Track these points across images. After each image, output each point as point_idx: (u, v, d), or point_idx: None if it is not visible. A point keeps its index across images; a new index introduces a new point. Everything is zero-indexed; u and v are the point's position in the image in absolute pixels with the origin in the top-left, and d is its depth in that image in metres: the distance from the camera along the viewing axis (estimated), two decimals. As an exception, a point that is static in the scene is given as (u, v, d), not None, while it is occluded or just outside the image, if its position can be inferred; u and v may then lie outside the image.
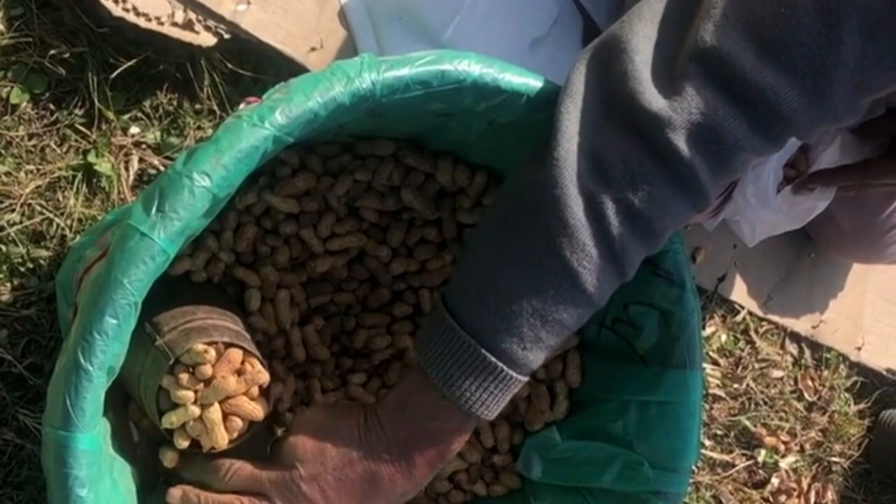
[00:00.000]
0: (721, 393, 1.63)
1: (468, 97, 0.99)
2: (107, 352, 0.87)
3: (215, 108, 1.26)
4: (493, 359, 0.90)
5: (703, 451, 1.61)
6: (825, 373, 1.71)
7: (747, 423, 1.63)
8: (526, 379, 0.93)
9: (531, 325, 0.90)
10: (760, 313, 1.65)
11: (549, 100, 1.02)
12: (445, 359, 0.91)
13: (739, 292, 1.64)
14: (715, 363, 1.63)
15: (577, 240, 0.87)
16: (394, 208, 1.15)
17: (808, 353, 1.70)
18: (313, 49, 1.27)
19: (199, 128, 1.26)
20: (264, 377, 1.05)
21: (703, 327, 1.44)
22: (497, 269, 0.91)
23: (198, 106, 1.26)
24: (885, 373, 1.75)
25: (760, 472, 1.66)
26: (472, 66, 0.98)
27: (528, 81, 1.01)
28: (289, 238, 1.13)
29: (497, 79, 0.99)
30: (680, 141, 0.84)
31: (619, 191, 0.87)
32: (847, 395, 1.73)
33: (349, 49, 1.30)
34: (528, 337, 0.90)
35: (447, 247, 1.18)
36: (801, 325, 1.69)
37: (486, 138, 1.08)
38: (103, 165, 1.21)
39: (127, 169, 1.23)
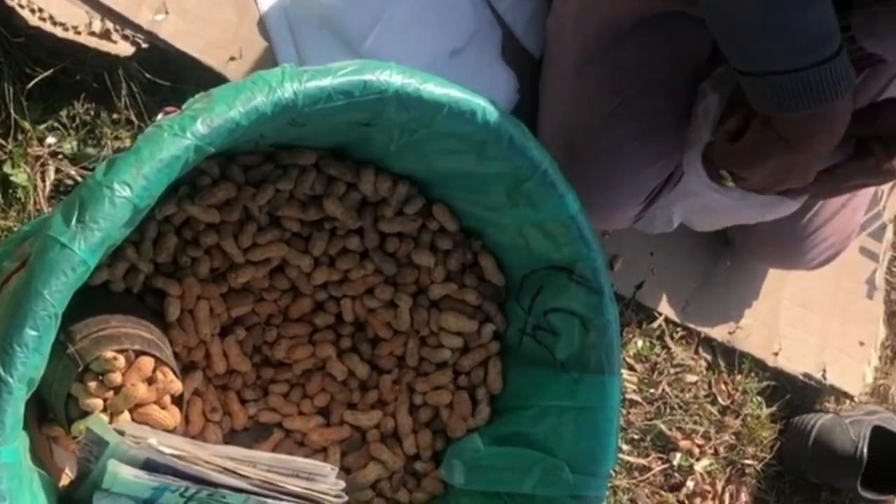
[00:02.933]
0: (637, 398, 1.65)
1: (390, 107, 1.00)
2: (27, 364, 0.86)
3: (133, 117, 1.25)
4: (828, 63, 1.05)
5: (620, 455, 1.63)
6: (738, 377, 1.74)
7: (663, 427, 1.65)
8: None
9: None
10: (678, 320, 1.68)
11: (470, 110, 1.03)
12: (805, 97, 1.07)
13: (657, 299, 1.66)
14: (631, 368, 1.65)
15: None
16: (315, 218, 1.16)
17: (721, 357, 1.73)
18: (232, 58, 1.27)
19: (116, 138, 1.24)
20: (176, 386, 1.05)
21: (621, 333, 1.46)
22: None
23: (115, 116, 1.24)
24: (801, 377, 1.78)
25: (676, 475, 1.69)
26: (394, 77, 0.99)
27: (450, 92, 1.02)
28: (209, 248, 1.13)
29: (419, 89, 1.00)
30: None
31: None
32: (759, 398, 1.76)
33: (268, 59, 1.30)
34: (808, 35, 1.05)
35: (369, 256, 1.19)
36: (718, 331, 1.71)
37: (408, 148, 1.09)
38: (19, 176, 1.20)
39: (43, 179, 1.22)
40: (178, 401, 1.06)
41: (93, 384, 1.00)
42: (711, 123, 1.28)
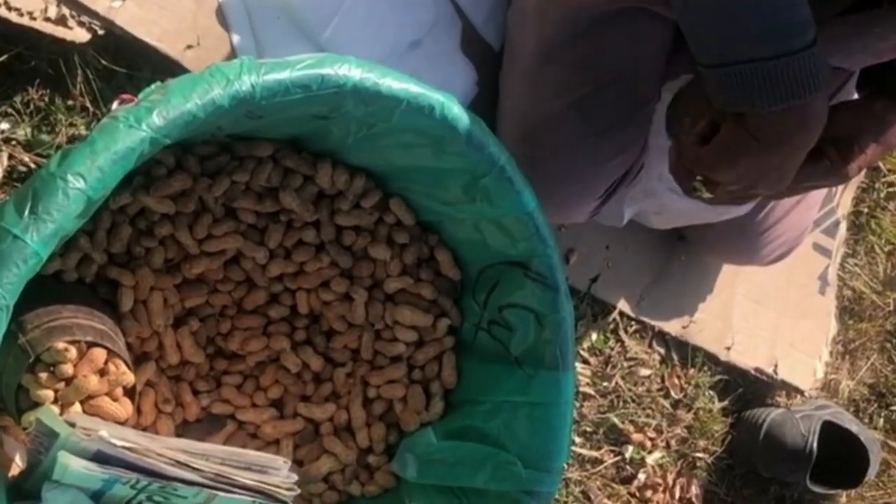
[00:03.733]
0: (591, 391, 1.66)
1: (348, 101, 1.00)
2: (-24, 356, 0.86)
3: (88, 104, 1.23)
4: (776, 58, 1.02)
5: (572, 447, 1.64)
6: (691, 371, 1.75)
7: (616, 420, 1.66)
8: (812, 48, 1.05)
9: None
10: (632, 314, 1.69)
11: (429, 105, 1.03)
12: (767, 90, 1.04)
13: (611, 292, 1.67)
14: (585, 362, 1.65)
15: None
16: (272, 210, 1.15)
17: (674, 351, 1.74)
18: (189, 47, 1.26)
19: (71, 125, 1.23)
20: (128, 378, 1.04)
21: (575, 327, 1.46)
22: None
23: (70, 102, 1.23)
24: (753, 372, 1.80)
25: (628, 467, 1.70)
26: (352, 71, 0.98)
27: (408, 87, 1.02)
28: (164, 239, 1.12)
29: (377, 84, 1.00)
30: None
31: None
32: (711, 392, 1.77)
33: (226, 48, 1.28)
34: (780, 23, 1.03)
35: (325, 249, 1.18)
36: (672, 325, 1.73)
37: (366, 141, 1.09)
38: (-29, 162, 1.18)
39: (-4, 166, 1.20)
40: (129, 393, 1.06)
41: (44, 375, 0.99)
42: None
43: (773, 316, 1.86)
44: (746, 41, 1.04)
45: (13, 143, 1.21)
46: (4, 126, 1.20)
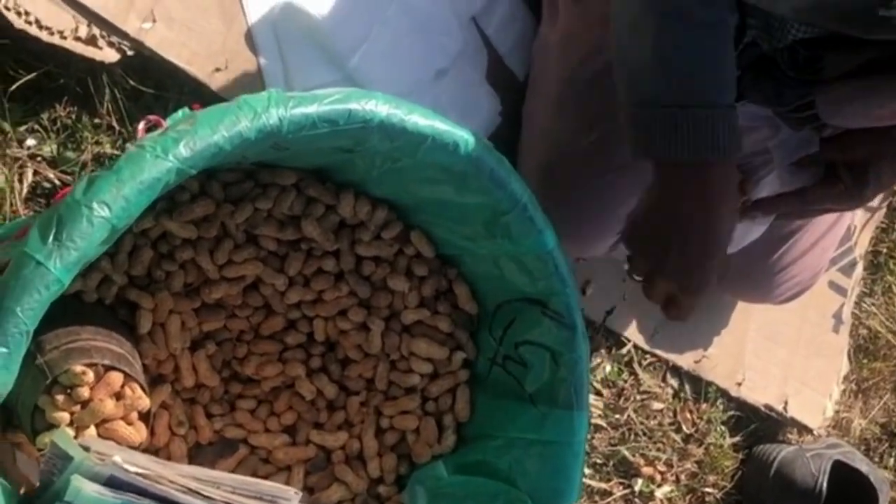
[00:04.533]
0: (602, 423, 1.66)
1: (374, 136, 1.00)
2: (-4, 381, 0.86)
3: (115, 123, 1.24)
4: (703, 111, 1.04)
5: (582, 479, 1.64)
6: (703, 406, 1.75)
7: (626, 452, 1.66)
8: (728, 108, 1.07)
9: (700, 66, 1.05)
10: (646, 347, 1.69)
11: (453, 142, 1.03)
12: (677, 139, 1.04)
13: (626, 325, 1.67)
14: (598, 393, 1.66)
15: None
16: (293, 238, 1.15)
17: (688, 386, 1.74)
18: (218, 69, 1.26)
19: (97, 143, 1.24)
20: (144, 403, 1.04)
21: (590, 359, 1.47)
22: (644, 51, 1.05)
23: (97, 121, 1.24)
24: (762, 409, 1.80)
25: (637, 501, 1.70)
26: (379, 107, 0.99)
27: (434, 124, 1.02)
28: (184, 263, 1.12)
29: (403, 120, 1.00)
30: None
31: None
32: (723, 428, 1.77)
33: (254, 71, 1.29)
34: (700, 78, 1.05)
35: (344, 278, 1.18)
36: (684, 359, 1.73)
37: (390, 175, 1.09)
38: (-4, 177, 1.19)
39: (21, 181, 1.21)
40: (144, 416, 1.06)
41: (60, 397, 1.00)
42: None
43: (786, 353, 1.86)
44: (661, 85, 1.06)
45: (38, 159, 1.22)
46: (31, 142, 1.21)
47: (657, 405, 1.71)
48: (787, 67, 1.24)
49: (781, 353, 1.85)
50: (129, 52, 1.21)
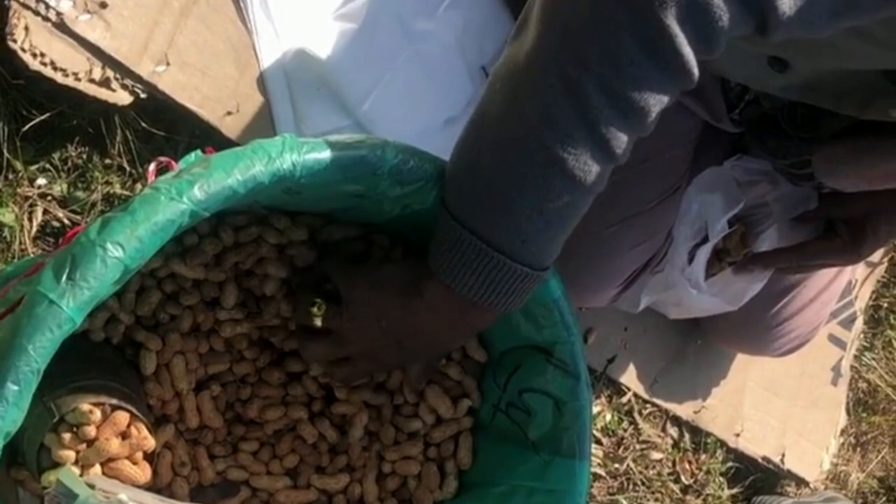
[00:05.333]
0: (601, 472, 1.66)
1: (384, 182, 1.01)
2: (6, 418, 0.86)
3: (125, 164, 1.25)
4: (495, 253, 0.93)
5: (582, 528, 1.64)
6: (703, 457, 1.75)
7: (625, 502, 1.67)
8: (534, 272, 0.96)
9: (528, 217, 0.92)
10: (646, 396, 1.69)
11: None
12: (453, 259, 0.95)
13: (627, 374, 1.68)
14: (598, 442, 1.66)
15: (559, 127, 0.87)
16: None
17: (687, 436, 1.74)
18: (229, 113, 1.28)
19: (107, 183, 1.25)
20: (150, 443, 1.05)
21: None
22: (486, 167, 0.93)
23: (108, 161, 1.25)
24: (760, 460, 1.80)
25: (635, 550, 1.70)
26: (390, 154, 1.00)
27: (444, 171, 1.03)
28: (192, 305, 1.13)
29: (414, 167, 1.01)
30: (669, 17, 0.82)
31: (598, 72, 0.85)
32: (722, 479, 1.78)
33: (265, 116, 1.30)
34: (528, 230, 0.93)
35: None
36: (684, 409, 1.73)
37: (399, 220, 1.10)
38: (6, 216, 1.20)
39: (30, 220, 1.22)
40: (149, 456, 1.06)
41: (67, 436, 1.00)
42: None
43: (784, 405, 1.87)
44: (484, 216, 0.95)
45: (48, 198, 1.23)
46: (42, 181, 1.22)
47: (656, 455, 1.71)
48: (787, 125, 1.25)
49: (780, 405, 1.86)
50: (142, 95, 1.23)
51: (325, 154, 0.97)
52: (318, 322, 1.07)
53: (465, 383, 1.22)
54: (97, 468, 1.02)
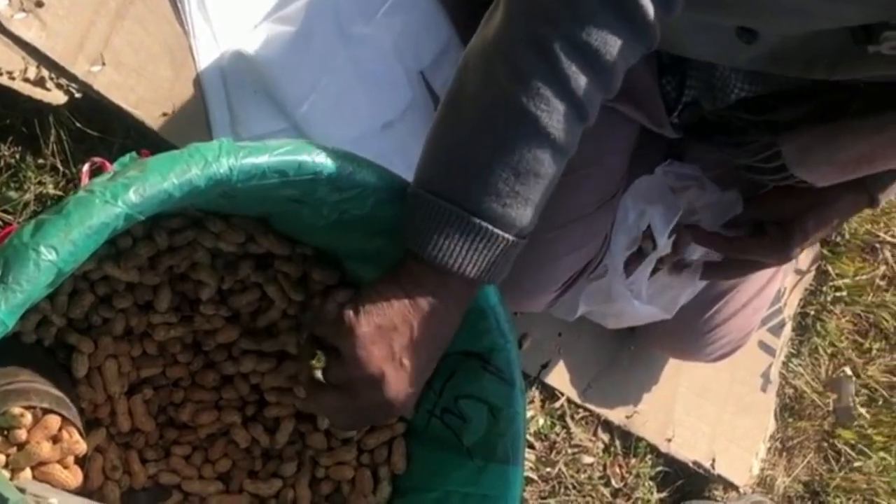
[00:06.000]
0: (533, 475, 1.67)
1: (322, 188, 1.01)
2: (-66, 421, 0.85)
3: (59, 164, 1.23)
4: (476, 220, 0.95)
5: (513, 532, 1.65)
6: (633, 461, 1.77)
7: (556, 506, 1.68)
8: (515, 238, 0.98)
9: (505, 180, 0.94)
10: (579, 401, 1.71)
11: (401, 196, 1.04)
12: (431, 231, 0.96)
13: (561, 379, 1.69)
14: (530, 446, 1.67)
15: (531, 85, 0.92)
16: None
17: (618, 441, 1.76)
18: (164, 114, 1.27)
19: (40, 183, 1.23)
20: (81, 447, 1.04)
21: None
22: (462, 134, 0.97)
23: (41, 161, 1.23)
24: (691, 465, 1.82)
25: (565, 554, 1.71)
26: (328, 160, 0.99)
27: (382, 177, 1.03)
28: (125, 308, 1.12)
29: (353, 173, 1.01)
30: None
31: (564, 27, 0.91)
32: (651, 483, 1.79)
33: (201, 118, 1.29)
34: (505, 192, 0.95)
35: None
36: (616, 414, 1.75)
37: (335, 226, 1.10)
38: (-65, 215, 1.18)
39: (-40, 220, 1.20)
40: (80, 460, 1.05)
41: (-4, 439, 0.99)
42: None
43: (715, 411, 1.89)
44: (462, 185, 0.96)
45: (-21, 198, 1.21)
46: (-28, 181, 1.20)
47: (587, 459, 1.72)
48: (745, 116, 1.26)
49: (711, 411, 1.88)
50: (77, 95, 1.21)
51: (263, 159, 0.96)
52: (321, 377, 1.03)
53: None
54: (27, 472, 1.01)
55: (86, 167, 1.11)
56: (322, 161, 0.99)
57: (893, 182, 1.31)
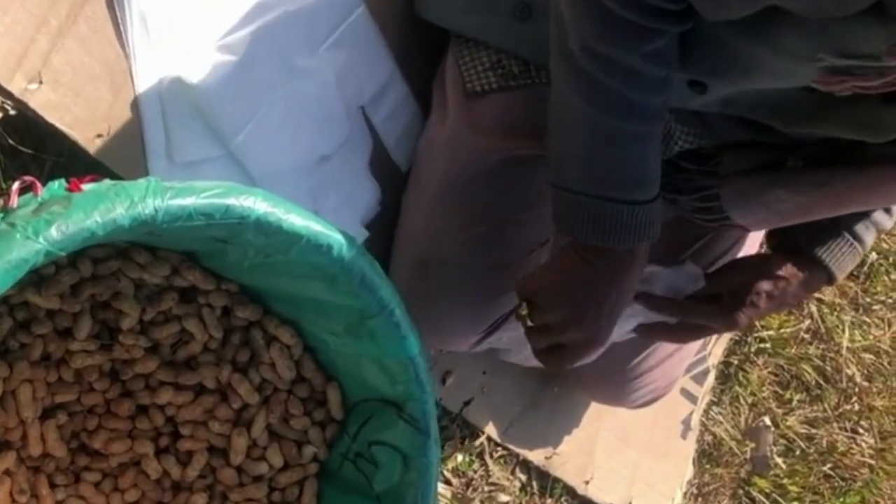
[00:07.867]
0: (449, 512, 1.68)
1: (249, 232, 1.01)
2: None
3: (-12, 180, 1.22)
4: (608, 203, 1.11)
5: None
6: (548, 501, 1.78)
7: (470, 542, 1.69)
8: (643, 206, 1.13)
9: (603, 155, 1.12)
10: (499, 439, 1.71)
11: (327, 244, 1.04)
12: (593, 223, 1.12)
13: (482, 417, 1.69)
14: (447, 482, 1.67)
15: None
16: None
17: (535, 481, 1.77)
18: (99, 136, 1.25)
19: (-33, 198, 1.21)
20: (-12, 471, 1.03)
21: (443, 447, 1.48)
22: (564, 137, 1.15)
23: (-30, 176, 1.22)
24: (606, 509, 1.83)
25: (475, 591, 1.72)
26: (257, 204, 1.00)
27: (310, 224, 1.04)
28: (44, 334, 1.11)
29: (280, 220, 1.01)
30: None
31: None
32: (565, 523, 1.81)
33: (137, 141, 1.28)
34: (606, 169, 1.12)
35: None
36: (535, 454, 1.75)
37: (261, 267, 1.10)
38: None
39: None
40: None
41: None
42: None
43: (635, 455, 1.90)
44: (589, 177, 1.13)
45: None
46: None
47: (504, 497, 1.73)
48: (688, 163, 1.28)
49: (631, 455, 1.90)
50: (12, 112, 1.20)
51: (190, 201, 0.96)
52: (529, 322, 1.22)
53: (310, 433, 1.22)
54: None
55: (16, 185, 1.10)
56: (250, 206, 0.99)
57: (850, 259, 1.32)
